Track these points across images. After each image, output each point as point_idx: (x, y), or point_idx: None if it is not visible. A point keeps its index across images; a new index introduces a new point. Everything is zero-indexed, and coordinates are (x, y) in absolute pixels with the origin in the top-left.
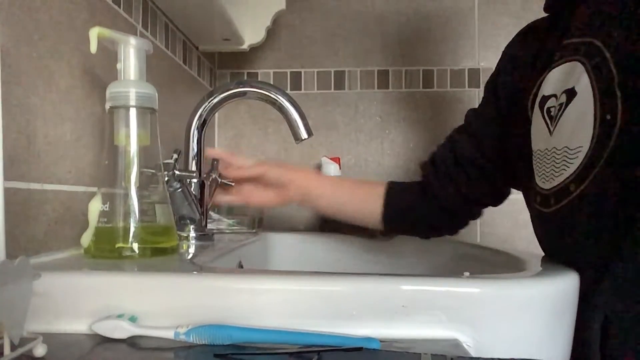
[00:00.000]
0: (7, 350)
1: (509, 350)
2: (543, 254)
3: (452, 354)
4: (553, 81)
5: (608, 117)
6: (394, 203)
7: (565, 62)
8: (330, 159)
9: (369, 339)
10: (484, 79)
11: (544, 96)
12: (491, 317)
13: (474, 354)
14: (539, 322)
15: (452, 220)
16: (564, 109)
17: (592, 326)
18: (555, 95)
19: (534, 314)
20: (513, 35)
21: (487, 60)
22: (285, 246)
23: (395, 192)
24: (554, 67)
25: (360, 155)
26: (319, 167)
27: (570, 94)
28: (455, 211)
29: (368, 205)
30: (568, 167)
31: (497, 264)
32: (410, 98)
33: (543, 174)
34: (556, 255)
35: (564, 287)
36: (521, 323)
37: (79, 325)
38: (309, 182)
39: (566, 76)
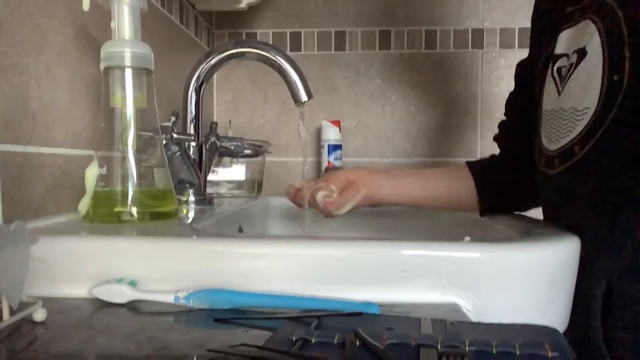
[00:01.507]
0: (6, 315)
1: (509, 315)
2: (543, 219)
3: (451, 318)
4: (565, 39)
5: (615, 77)
6: (485, 180)
7: (579, 20)
8: (331, 122)
9: (369, 304)
10: (487, 39)
11: (555, 55)
12: (491, 282)
13: (473, 319)
14: (539, 288)
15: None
16: (574, 69)
17: (593, 294)
18: (567, 55)
19: (534, 279)
20: None
21: (492, 20)
22: (285, 211)
23: (481, 170)
24: (567, 26)
25: (360, 119)
26: (319, 131)
27: (581, 53)
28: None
29: (458, 192)
30: (574, 128)
31: (498, 228)
32: (412, 59)
33: (549, 134)
34: (558, 220)
35: (565, 252)
36: (521, 288)
37: (78, 290)
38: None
39: (578, 35)
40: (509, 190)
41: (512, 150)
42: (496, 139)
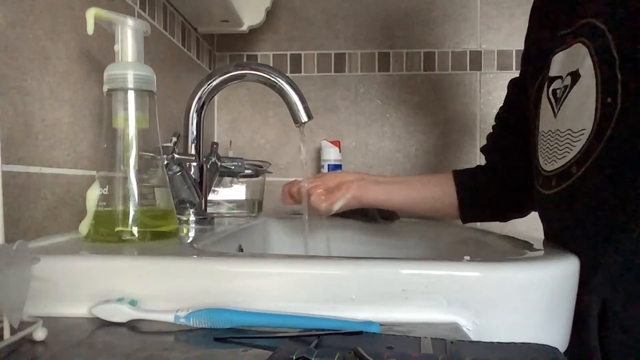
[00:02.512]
0: (7, 334)
1: (509, 334)
2: (543, 237)
3: (451, 337)
4: (559, 62)
5: (609, 100)
6: (467, 188)
7: (571, 43)
8: (331, 142)
9: (369, 323)
10: (485, 61)
11: (550, 77)
12: (491, 301)
13: (473, 338)
14: (539, 306)
15: (519, 197)
16: (569, 91)
17: (589, 311)
18: (561, 77)
19: (534, 298)
20: (516, 17)
21: (489, 42)
22: (285, 230)
23: (465, 178)
24: (560, 49)
25: (360, 139)
26: (319, 151)
27: (575, 76)
28: (519, 185)
29: (440, 198)
30: (571, 149)
31: (498, 248)
32: (411, 81)
33: (546, 155)
34: (556, 239)
35: (565, 271)
36: (521, 307)
37: (79, 309)
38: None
39: (571, 58)
40: (489, 199)
41: (496, 162)
42: (483, 150)
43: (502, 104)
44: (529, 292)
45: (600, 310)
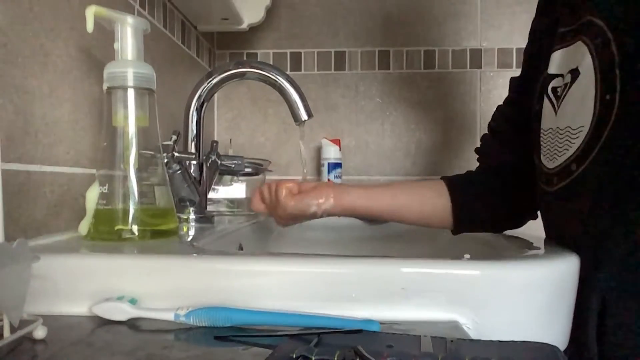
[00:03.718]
0: (6, 332)
1: (509, 332)
2: (544, 236)
3: (451, 336)
4: (559, 60)
5: (607, 97)
6: (462, 193)
7: (571, 41)
8: (331, 140)
9: (369, 321)
10: (486, 59)
11: (550, 74)
12: (491, 300)
13: (473, 336)
14: (539, 305)
15: (518, 202)
16: (568, 89)
17: (589, 308)
18: (562, 75)
19: (534, 297)
20: (517, 14)
21: (490, 40)
22: (285, 229)
23: (457, 183)
24: (560, 47)
25: (360, 137)
26: (319, 149)
27: (575, 74)
28: (517, 189)
29: (431, 203)
30: (570, 147)
31: (498, 246)
32: (411, 79)
33: (547, 153)
34: (557, 236)
35: (565, 269)
36: (521, 306)
37: (79, 308)
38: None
39: (571, 56)
40: (485, 202)
41: (494, 164)
42: (478, 151)
43: (503, 100)
44: (529, 290)
45: (600, 307)
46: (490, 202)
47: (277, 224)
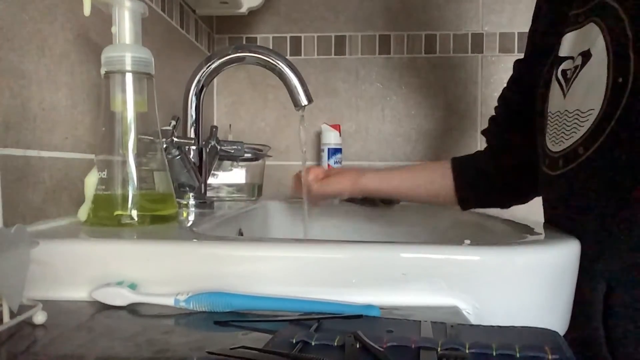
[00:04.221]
0: (6, 317)
1: (509, 317)
2: (543, 221)
3: (451, 321)
4: (570, 42)
5: (620, 80)
6: (465, 172)
7: (583, 23)
8: (331, 125)
9: (369, 307)
10: (487, 44)
11: (560, 57)
12: (491, 285)
13: (473, 322)
14: (539, 290)
15: (520, 182)
16: (579, 71)
17: (594, 295)
18: (572, 57)
19: (534, 282)
20: None
21: (491, 24)
22: (285, 214)
23: (462, 164)
24: (572, 29)
25: (360, 122)
26: (319, 134)
27: (586, 56)
28: (521, 167)
29: (437, 183)
30: (578, 130)
31: (498, 231)
32: (412, 64)
33: (554, 136)
34: (559, 222)
35: (565, 254)
36: (521, 291)
37: (78, 293)
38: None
39: (583, 38)
40: (489, 183)
41: (498, 144)
42: (485, 132)
43: (505, 85)
44: (529, 276)
45: (606, 295)
46: (492, 181)
47: (310, 204)
